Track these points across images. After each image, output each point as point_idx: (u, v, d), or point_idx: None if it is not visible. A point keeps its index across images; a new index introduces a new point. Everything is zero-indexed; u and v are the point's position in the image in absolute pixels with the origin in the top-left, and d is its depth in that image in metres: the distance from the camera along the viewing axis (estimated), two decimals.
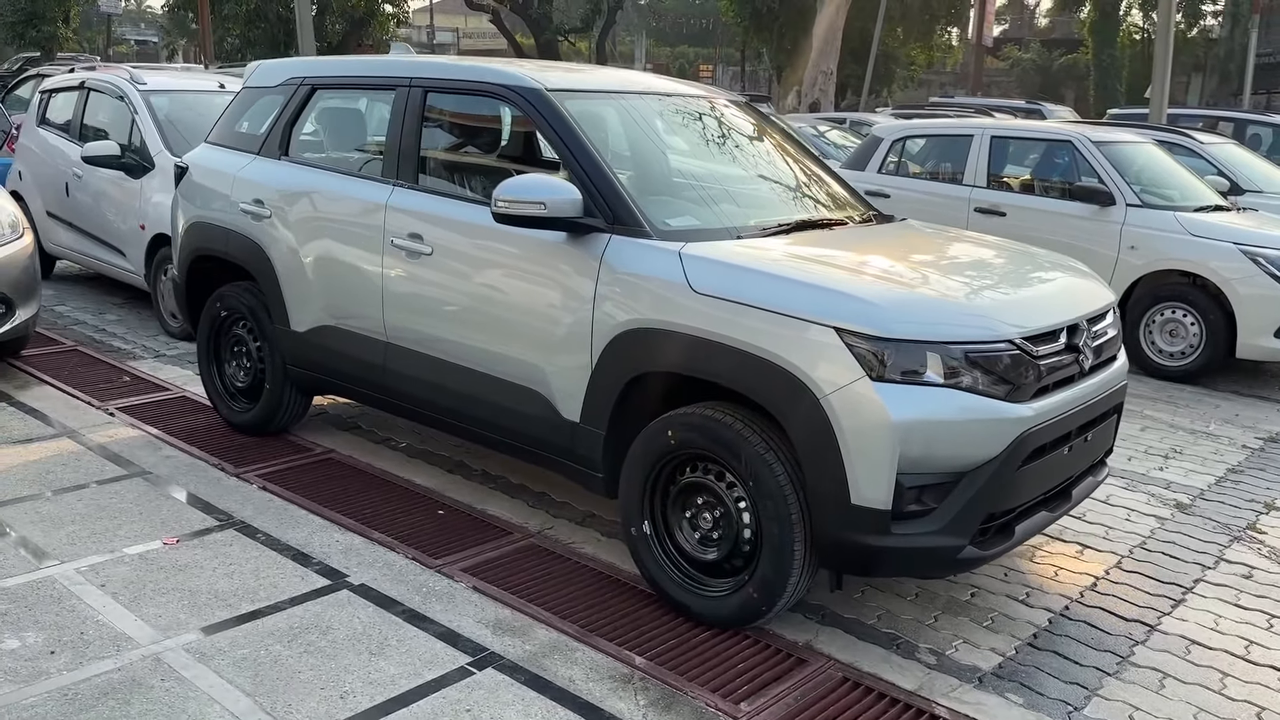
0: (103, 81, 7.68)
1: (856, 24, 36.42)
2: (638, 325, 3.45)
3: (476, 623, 3.41)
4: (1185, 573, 4.09)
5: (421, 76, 4.28)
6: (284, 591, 3.56)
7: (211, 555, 3.80)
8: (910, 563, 3.19)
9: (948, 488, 3.11)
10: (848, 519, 3.08)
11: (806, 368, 3.08)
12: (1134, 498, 4.85)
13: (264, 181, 4.71)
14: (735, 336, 3.21)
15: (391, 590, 3.60)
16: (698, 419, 3.34)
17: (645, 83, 4.49)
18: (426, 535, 4.04)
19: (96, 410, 5.35)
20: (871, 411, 3.00)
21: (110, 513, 4.12)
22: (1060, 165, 7.97)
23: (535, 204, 3.51)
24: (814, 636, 3.46)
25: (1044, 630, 3.59)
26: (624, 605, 3.58)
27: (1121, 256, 7.25)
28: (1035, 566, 4.09)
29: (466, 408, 4.04)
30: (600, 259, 3.56)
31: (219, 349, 5.13)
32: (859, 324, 3.05)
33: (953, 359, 3.06)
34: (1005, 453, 3.11)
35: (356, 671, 3.10)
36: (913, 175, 8.77)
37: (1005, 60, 47.85)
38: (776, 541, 3.21)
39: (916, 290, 3.26)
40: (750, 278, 3.27)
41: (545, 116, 3.84)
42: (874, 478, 3.03)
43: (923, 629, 3.56)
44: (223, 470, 4.62)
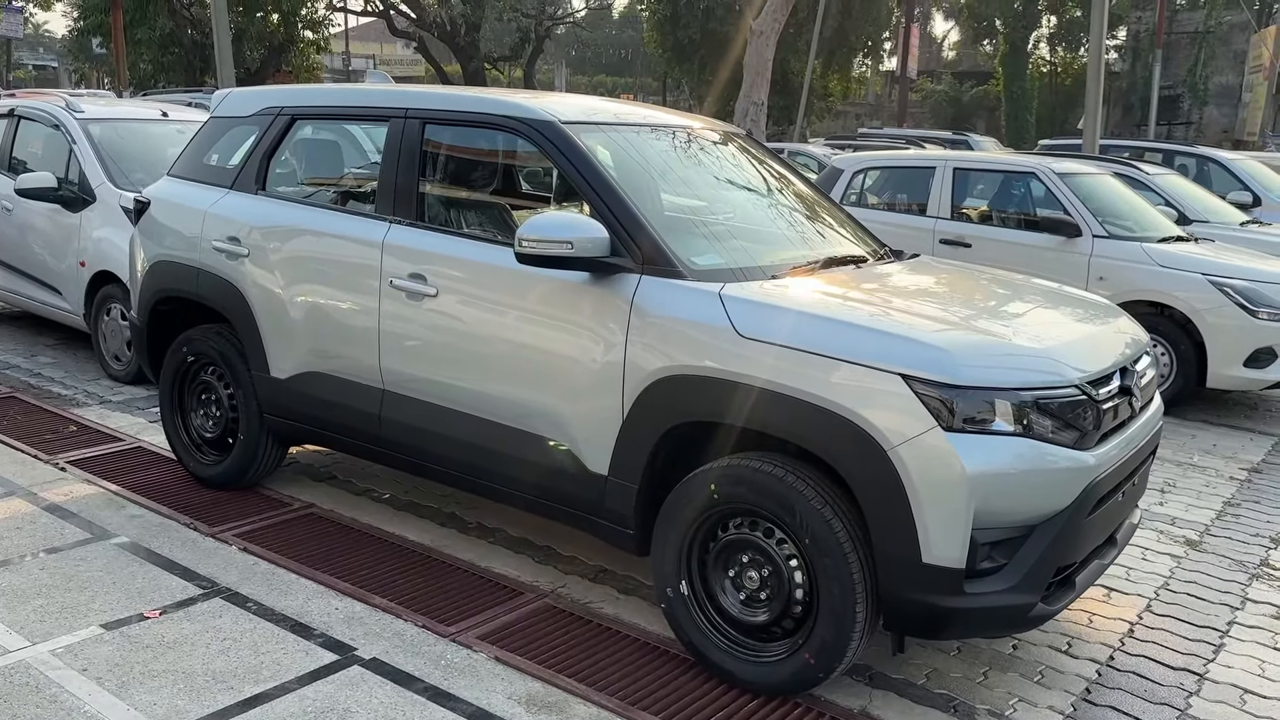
0: (35, 109, 7.21)
1: (778, 56, 37.01)
2: (676, 372, 3.23)
3: (507, 699, 3.13)
4: (1216, 615, 4.00)
5: (419, 107, 4.01)
6: (289, 670, 3.24)
7: (201, 629, 3.45)
8: (983, 623, 3.01)
9: (1019, 542, 2.95)
10: (918, 579, 2.89)
11: (870, 416, 2.90)
12: (1143, 535, 4.77)
13: (240, 218, 4.38)
14: (791, 384, 3.01)
15: (407, 665, 3.29)
16: (746, 472, 3.13)
17: (654, 115, 4.29)
18: (431, 599, 3.74)
19: (45, 465, 4.91)
20: (944, 463, 2.83)
21: (79, 583, 3.73)
22: (1024, 197, 8.00)
23: (562, 243, 3.28)
24: (868, 701, 3.26)
25: (1095, 683, 3.45)
26: (661, 673, 3.34)
27: (1090, 288, 7.25)
28: (1069, 614, 3.95)
29: (480, 461, 3.76)
30: (630, 301, 3.34)
31: (184, 398, 4.75)
32: (928, 370, 2.87)
33: (1024, 406, 2.91)
34: (1076, 502, 2.97)
35: None
36: (874, 206, 8.73)
37: (918, 92, 49.00)
38: (836, 603, 3.00)
39: (982, 335, 3.10)
40: (805, 322, 3.08)
41: (562, 151, 3.61)
42: (948, 534, 2.85)
43: (975, 688, 3.39)
44: (197, 530, 4.25)
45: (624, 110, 4.24)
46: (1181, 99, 36.94)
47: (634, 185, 3.68)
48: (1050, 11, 40.27)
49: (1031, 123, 39.06)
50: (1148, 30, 35.80)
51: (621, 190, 3.50)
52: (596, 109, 4.04)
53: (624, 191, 3.50)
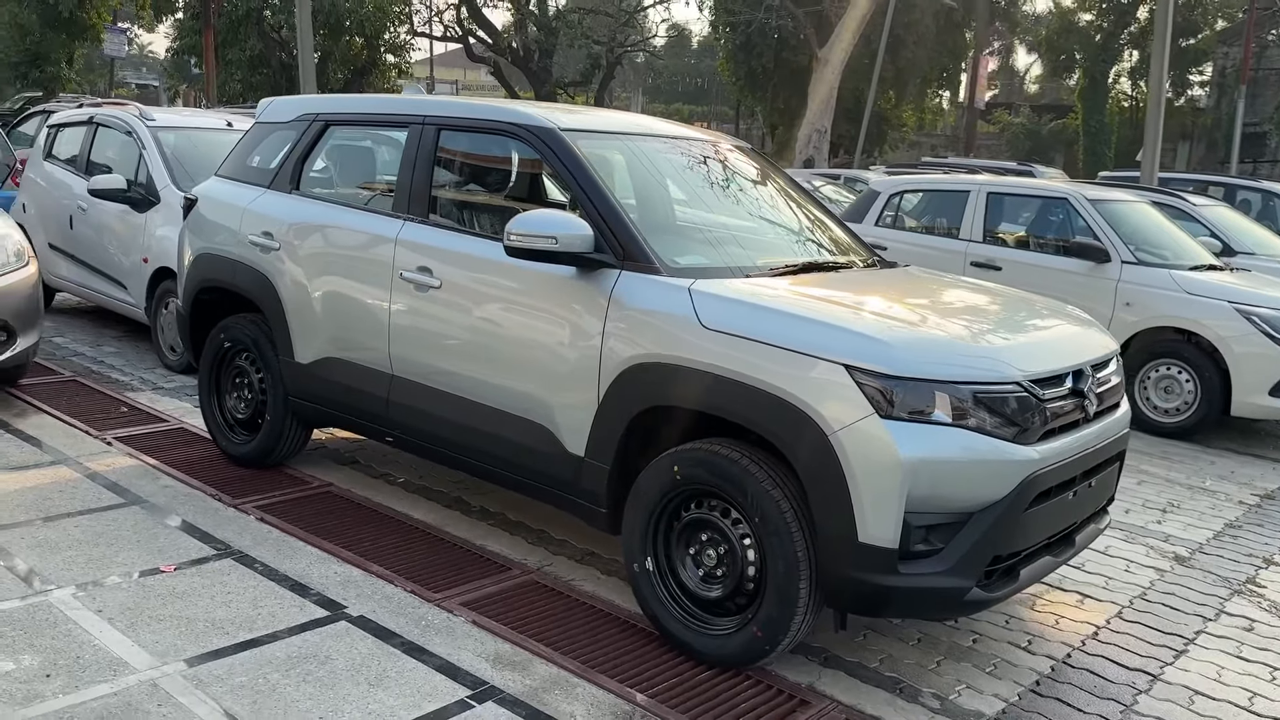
0: (111, 117, 7.74)
1: (849, 85, 37.10)
2: (646, 360, 3.46)
3: (476, 656, 3.37)
4: (1186, 624, 4.08)
5: (435, 115, 4.33)
6: (282, 621, 3.53)
7: (209, 583, 3.77)
8: (917, 603, 3.18)
9: (955, 528, 3.11)
10: (854, 557, 3.07)
11: (815, 404, 3.10)
12: (1133, 549, 4.85)
13: (273, 214, 4.74)
14: (744, 372, 3.23)
15: (390, 622, 3.56)
16: (704, 454, 3.34)
17: (653, 126, 4.55)
18: (424, 569, 4.01)
19: (94, 439, 5.32)
20: (880, 449, 3.01)
21: (107, 539, 4.08)
22: (1055, 222, 8.07)
23: (547, 238, 3.54)
24: (816, 678, 3.44)
25: (1047, 677, 3.57)
26: (625, 642, 3.55)
27: (1116, 313, 7.32)
28: (1036, 615, 4.07)
29: (470, 441, 4.04)
30: (609, 294, 3.58)
31: (220, 381, 5.12)
32: (869, 361, 3.07)
33: (961, 399, 3.08)
34: (1012, 494, 3.12)
35: (355, 701, 3.06)
36: (909, 229, 8.86)
37: (995, 125, 48.56)
38: (782, 580, 3.20)
39: (926, 330, 3.29)
40: (761, 314, 3.29)
41: (558, 155, 3.89)
42: (881, 515, 3.03)
43: (925, 673, 3.54)
44: (220, 501, 4.58)
45: (628, 121, 4.51)
46: (1268, 136, 36.11)
47: (623, 188, 3.94)
48: (1132, 45, 39.67)
49: (1110, 157, 38.43)
50: (1234, 66, 35.13)
51: (608, 192, 3.76)
52: (598, 120, 4.31)
53: (610, 193, 3.76)
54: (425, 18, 29.81)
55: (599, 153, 4.05)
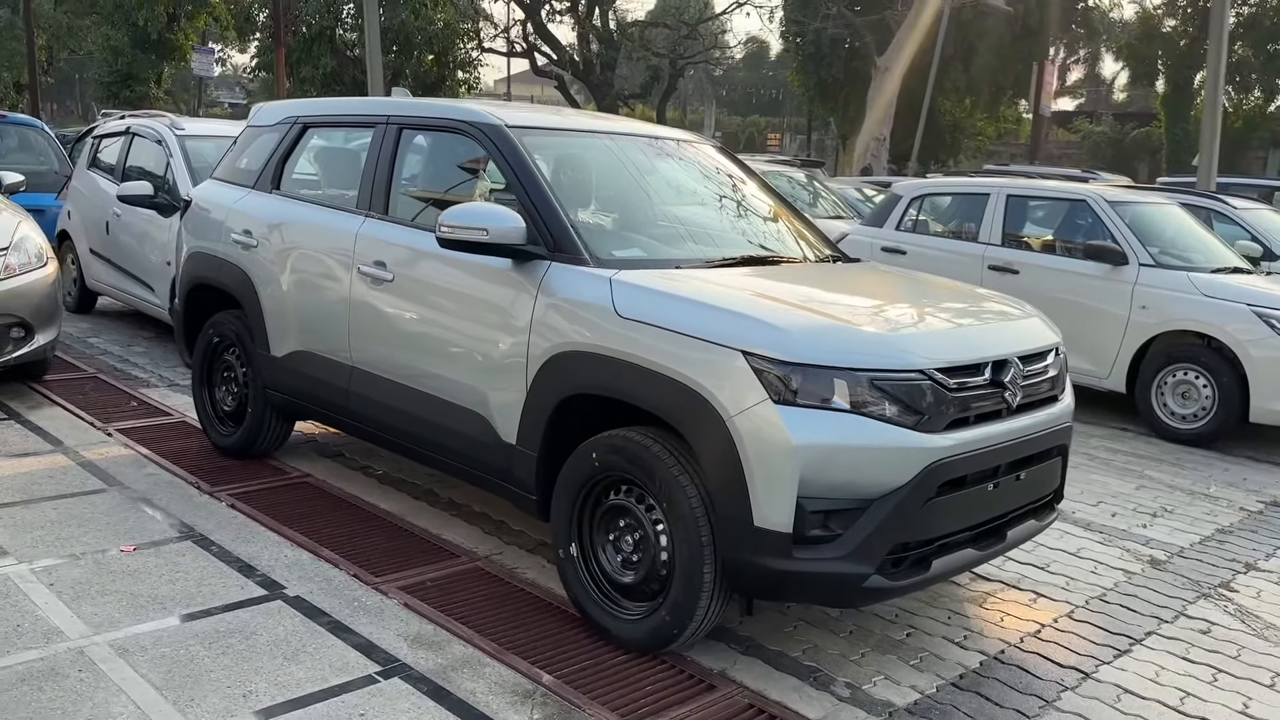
0: (145, 127, 8.10)
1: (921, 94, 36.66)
2: (568, 349, 3.53)
3: (396, 635, 3.47)
4: (1139, 625, 3.99)
5: (398, 114, 4.47)
6: (221, 598, 3.67)
7: (163, 563, 3.94)
8: (814, 588, 3.18)
9: (854, 514, 3.11)
10: (750, 541, 3.09)
11: (714, 389, 3.13)
12: (1107, 552, 4.75)
13: (253, 213, 4.94)
14: (652, 359, 3.28)
15: (323, 602, 3.68)
16: (620, 441, 3.40)
17: (614, 124, 4.63)
18: (374, 555, 4.12)
19: (97, 430, 5.57)
20: (773, 434, 3.03)
21: (79, 521, 4.28)
22: (1075, 224, 7.91)
23: (478, 230, 3.64)
24: (731, 664, 3.45)
25: (972, 672, 3.53)
26: (550, 627, 3.61)
27: (1133, 316, 7.15)
28: (982, 611, 4.02)
29: (419, 430, 4.15)
30: (539, 285, 3.67)
31: (211, 375, 5.33)
32: (765, 348, 3.09)
33: (859, 385, 3.08)
34: (913, 482, 3.11)
35: (266, 674, 3.17)
36: (931, 233, 8.77)
37: (1076, 133, 47.45)
38: (687, 564, 3.23)
39: (827, 318, 3.29)
40: (669, 303, 3.34)
41: (501, 150, 3.99)
42: (775, 500, 3.04)
43: (846, 663, 3.53)
44: (197, 488, 4.77)
45: (589, 121, 4.60)
46: None
47: (565, 183, 4.03)
48: None
49: (1194, 165, 37.27)
50: None
51: (545, 186, 3.84)
52: (552, 118, 4.40)
53: (547, 187, 3.84)
54: (492, 34, 30.38)
55: (549, 149, 4.14)
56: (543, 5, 27.93)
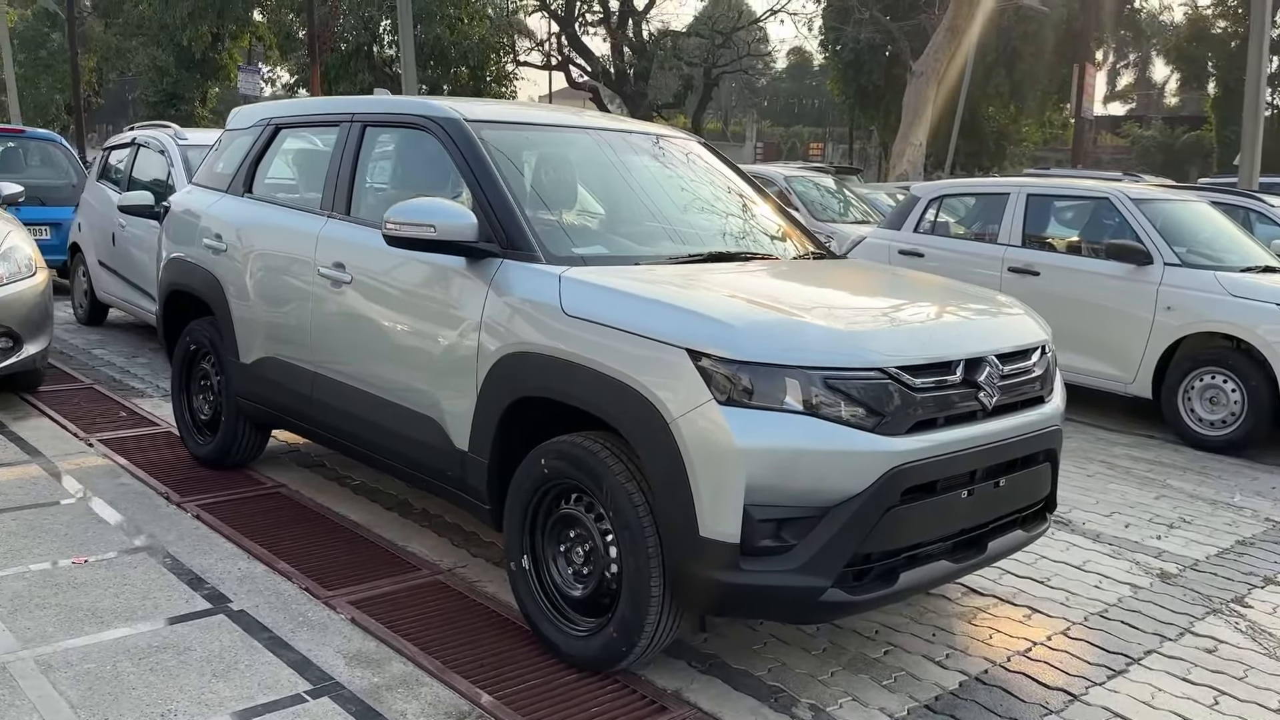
0: (150, 137, 8.09)
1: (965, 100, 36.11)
2: (516, 350, 3.36)
3: (336, 653, 3.30)
4: (1140, 643, 3.71)
5: (361, 112, 4.34)
6: (163, 613, 3.53)
7: (112, 575, 3.81)
8: (766, 603, 2.96)
9: (809, 524, 2.89)
10: (696, 552, 2.89)
11: (658, 390, 2.93)
12: (1115, 565, 4.46)
13: (223, 217, 4.83)
14: (596, 359, 3.10)
15: (267, 617, 3.53)
16: (567, 447, 3.21)
17: (583, 119, 4.45)
18: (334, 568, 3.97)
19: (79, 441, 5.49)
20: (717, 437, 2.83)
21: (38, 532, 4.18)
22: (1098, 224, 7.59)
23: (425, 226, 3.47)
24: (688, 684, 3.24)
25: (949, 693, 3.29)
26: (503, 644, 3.43)
27: (1157, 318, 6.82)
28: (970, 628, 3.77)
29: (375, 436, 4.00)
30: (490, 283, 3.50)
31: (189, 383, 5.23)
32: (712, 346, 2.89)
33: (812, 385, 2.87)
34: (872, 488, 2.88)
35: (190, 692, 3.02)
36: (949, 235, 8.48)
37: (1125, 137, 46.49)
38: (634, 577, 3.03)
39: (782, 313, 3.08)
40: (614, 300, 3.16)
41: (457, 144, 3.83)
42: (721, 508, 2.84)
43: (813, 683, 3.30)
44: (166, 499, 4.66)
45: (555, 115, 4.43)
46: None
47: (528, 179, 3.86)
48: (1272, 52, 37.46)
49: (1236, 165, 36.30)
50: None
51: (500, 181, 3.67)
52: (518, 112, 4.24)
53: (503, 182, 3.67)
54: (528, 47, 30.41)
55: (513, 145, 3.97)
56: (577, 18, 27.93)
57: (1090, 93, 21.47)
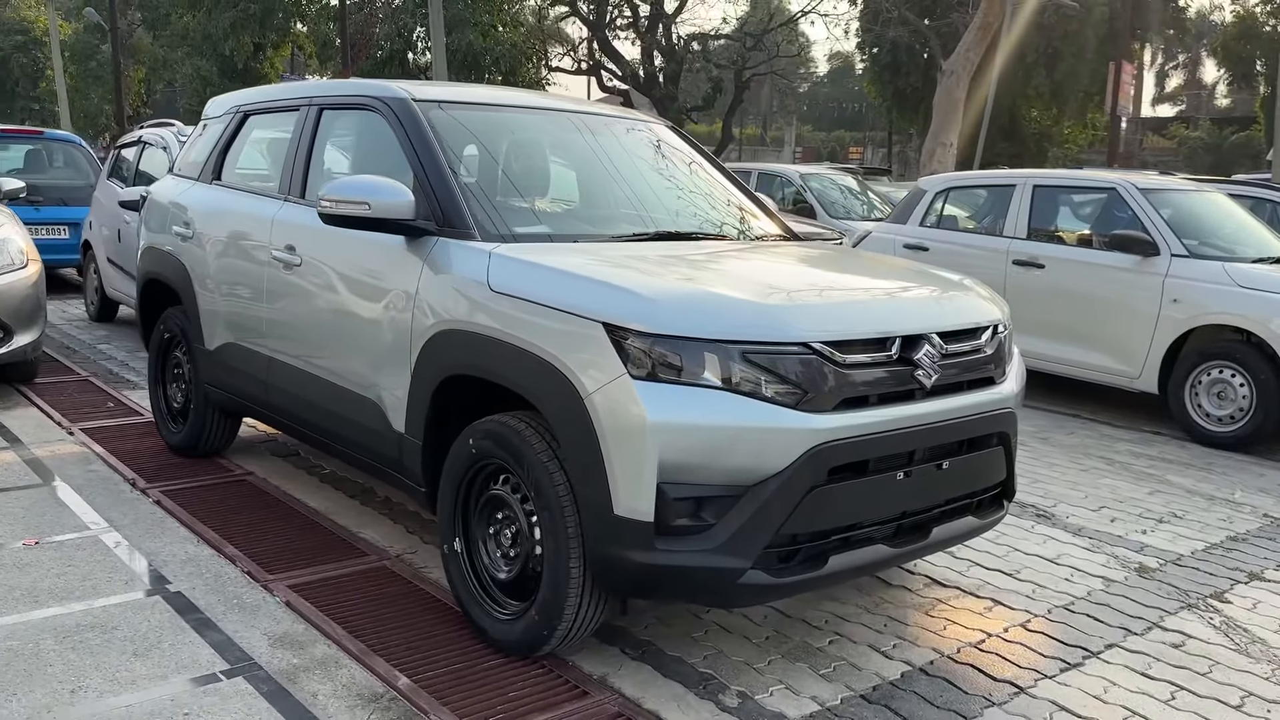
0: (154, 135, 8.16)
1: (1005, 102, 35.63)
2: (445, 327, 3.30)
3: (262, 634, 3.26)
4: (1102, 636, 3.56)
5: (319, 95, 4.32)
6: (100, 593, 3.51)
7: (59, 557, 3.81)
8: (683, 584, 2.86)
9: (729, 503, 2.80)
10: (611, 531, 2.80)
11: (574, 366, 2.86)
12: (1090, 558, 4.30)
13: (191, 204, 4.84)
14: (517, 334, 3.03)
15: (202, 599, 3.49)
16: (493, 425, 3.14)
17: (541, 100, 4.39)
18: (279, 553, 3.93)
19: (61, 429, 5.53)
20: (629, 412, 2.74)
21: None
22: (1103, 215, 7.39)
23: (359, 203, 3.43)
24: (616, 669, 3.15)
25: (889, 683, 3.17)
26: (436, 628, 3.36)
27: (1163, 310, 6.61)
28: (925, 619, 3.64)
29: (323, 420, 3.97)
30: (425, 261, 3.44)
31: (165, 370, 5.23)
32: (627, 319, 2.81)
33: (730, 359, 2.78)
34: (793, 467, 2.78)
35: (106, 670, 2.99)
36: (954, 229, 8.31)
37: (1172, 139, 45.62)
38: (553, 558, 2.96)
39: (700, 287, 2.99)
40: (537, 275, 3.09)
41: (403, 123, 3.78)
42: (633, 485, 2.75)
43: (747, 671, 3.19)
44: (133, 485, 4.66)
45: (515, 97, 4.37)
46: None
47: (478, 159, 3.82)
48: None
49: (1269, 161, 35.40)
50: None
51: (441, 159, 3.61)
52: (472, 93, 4.19)
53: (444, 161, 3.61)
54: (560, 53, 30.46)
55: (464, 125, 3.91)
56: (608, 23, 27.93)
57: (1127, 91, 21.05)
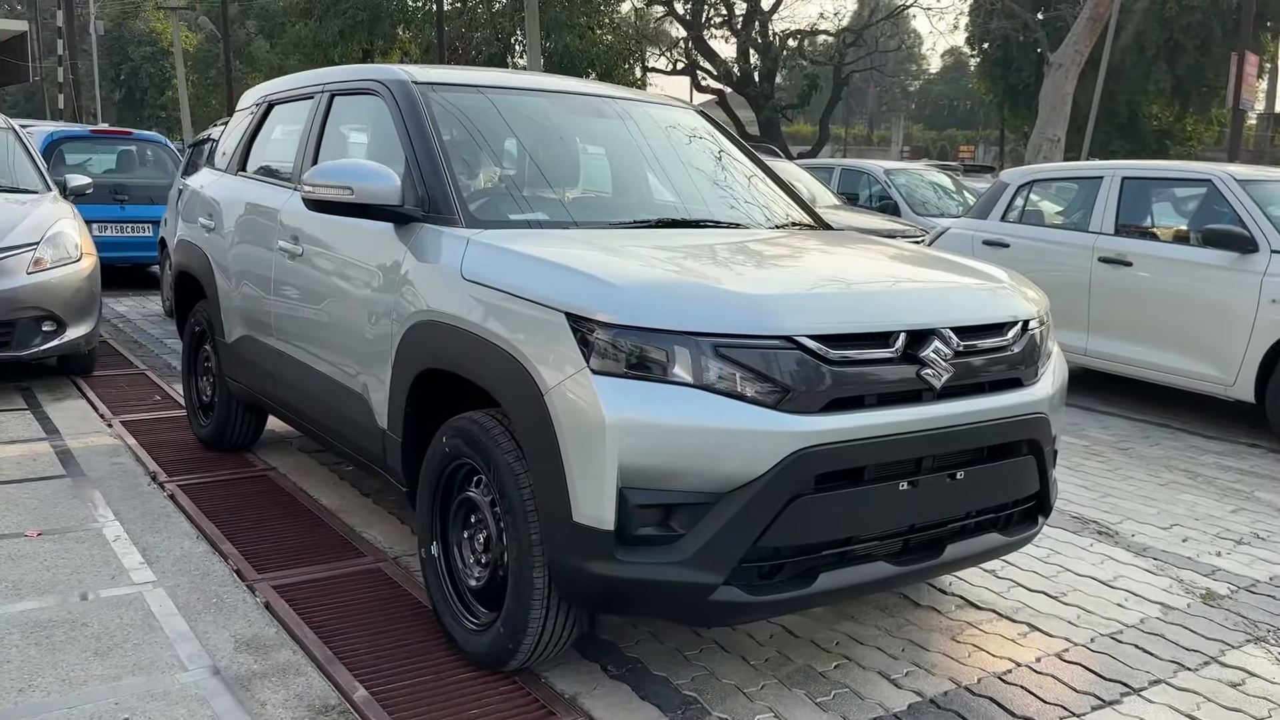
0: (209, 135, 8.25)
1: (1123, 97, 34.15)
2: (421, 318, 3.12)
3: (231, 637, 3.13)
4: (1149, 671, 3.17)
5: (331, 81, 4.20)
6: (85, 588, 3.44)
7: (56, 549, 3.76)
8: (651, 599, 2.61)
9: (700, 511, 2.54)
10: (570, 540, 2.58)
11: (535, 358, 2.64)
12: (1151, 581, 3.89)
13: (215, 196, 4.78)
14: (483, 325, 2.83)
15: (182, 598, 3.39)
16: (464, 423, 2.95)
17: (552, 82, 4.19)
18: (275, 551, 3.82)
19: (101, 421, 5.56)
20: (587, 410, 2.51)
21: (10, 505, 4.18)
22: (1198, 209, 6.83)
23: (341, 188, 3.28)
24: (591, 689, 2.92)
25: (891, 715, 2.85)
26: (413, 636, 3.18)
27: (1261, 312, 6.04)
28: (950, 644, 3.31)
29: (318, 414, 3.85)
30: (408, 248, 3.27)
31: (197, 364, 5.20)
32: (591, 308, 2.58)
33: (702, 354, 2.52)
34: (772, 473, 2.50)
35: (60, 669, 2.89)
36: (1037, 224, 7.81)
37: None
38: (515, 566, 2.74)
39: (673, 275, 2.73)
40: (506, 262, 2.88)
41: (400, 106, 3.62)
42: (593, 490, 2.52)
43: (736, 696, 2.92)
44: (153, 479, 4.62)
45: (516, 79, 4.20)
46: None
47: (480, 143, 3.64)
48: None
49: None
50: None
51: (433, 143, 3.44)
52: (472, 76, 4.01)
53: (436, 144, 3.44)
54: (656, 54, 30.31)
55: (460, 107, 3.73)
56: (704, 22, 27.65)
57: (1252, 84, 19.84)
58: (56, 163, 10.42)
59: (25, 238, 5.97)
